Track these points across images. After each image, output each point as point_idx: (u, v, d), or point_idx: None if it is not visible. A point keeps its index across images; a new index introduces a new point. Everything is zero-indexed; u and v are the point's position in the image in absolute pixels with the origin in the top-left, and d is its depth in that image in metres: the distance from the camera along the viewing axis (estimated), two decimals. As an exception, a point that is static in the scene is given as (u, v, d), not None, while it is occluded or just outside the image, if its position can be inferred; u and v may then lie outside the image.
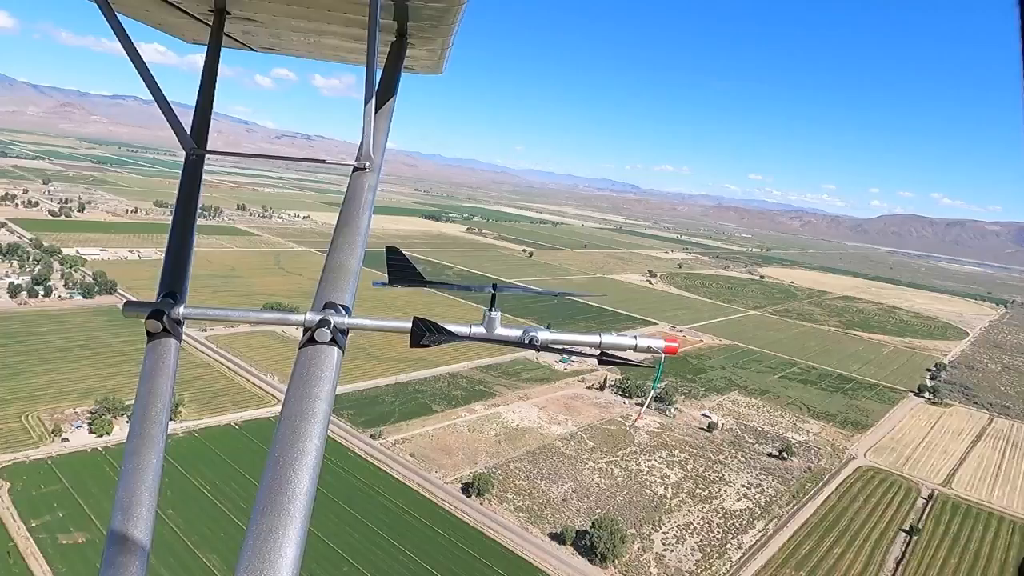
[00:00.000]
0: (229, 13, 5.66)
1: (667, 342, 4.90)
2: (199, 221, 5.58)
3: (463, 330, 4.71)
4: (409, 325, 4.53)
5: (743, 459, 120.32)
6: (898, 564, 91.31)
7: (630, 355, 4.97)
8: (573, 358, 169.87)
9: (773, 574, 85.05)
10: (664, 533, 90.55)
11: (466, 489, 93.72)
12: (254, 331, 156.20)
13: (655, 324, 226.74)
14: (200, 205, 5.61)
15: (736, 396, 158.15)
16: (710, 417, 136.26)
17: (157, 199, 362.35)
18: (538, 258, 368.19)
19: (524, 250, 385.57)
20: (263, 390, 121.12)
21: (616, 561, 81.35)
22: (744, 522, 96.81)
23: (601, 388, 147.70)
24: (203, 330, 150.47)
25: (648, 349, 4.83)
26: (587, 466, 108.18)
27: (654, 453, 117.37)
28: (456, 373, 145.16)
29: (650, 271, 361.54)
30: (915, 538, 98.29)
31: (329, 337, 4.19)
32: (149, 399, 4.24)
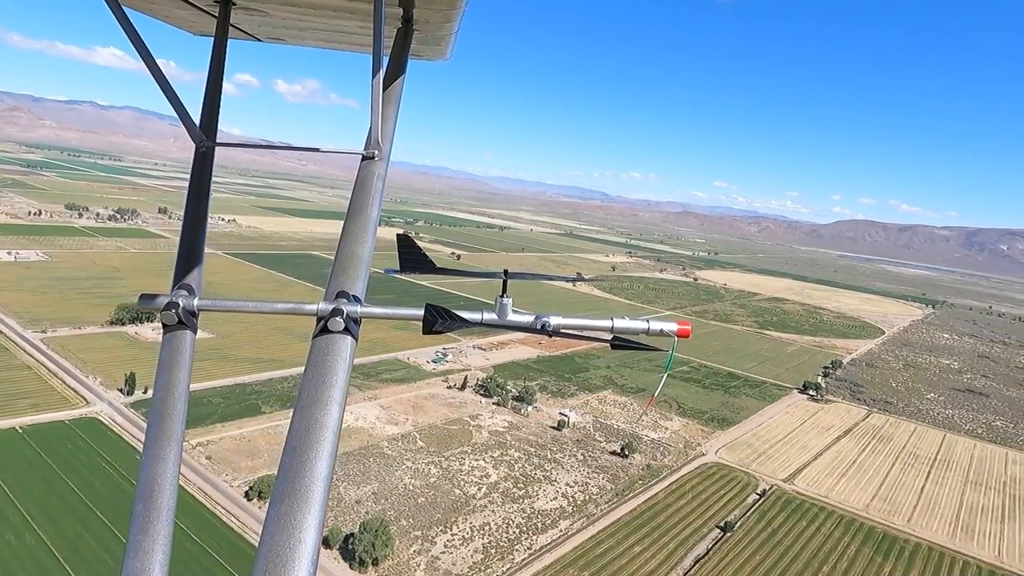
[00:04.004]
0: (234, 4, 5.61)
1: (679, 325, 4.79)
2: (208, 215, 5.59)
3: (475, 316, 4.68)
4: (421, 312, 4.51)
5: (581, 457, 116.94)
6: (697, 561, 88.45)
7: (643, 339, 4.84)
8: (449, 357, 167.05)
9: (555, 574, 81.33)
10: (453, 535, 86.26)
11: (249, 493, 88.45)
12: (103, 332, 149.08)
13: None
14: (211, 197, 5.60)
15: (607, 395, 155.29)
16: (566, 416, 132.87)
17: (71, 202, 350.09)
18: (466, 260, 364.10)
19: (453, 252, 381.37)
20: (76, 392, 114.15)
21: (378, 565, 76.86)
22: (548, 522, 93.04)
23: (461, 388, 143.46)
24: (42, 331, 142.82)
25: (661, 332, 4.75)
26: (403, 467, 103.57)
27: (486, 452, 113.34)
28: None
29: (578, 273, 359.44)
30: (727, 535, 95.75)
31: (342, 326, 4.20)
32: (167, 390, 4.34)
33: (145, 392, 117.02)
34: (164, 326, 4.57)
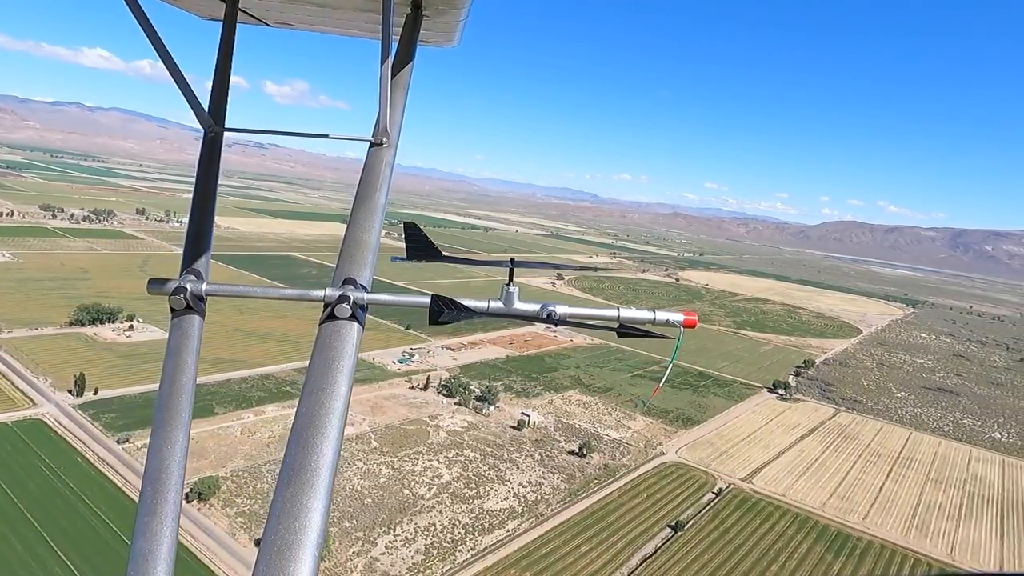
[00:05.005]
0: None
1: (685, 315, 4.84)
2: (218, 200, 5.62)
3: (481, 305, 4.68)
4: (427, 301, 4.52)
5: (538, 457, 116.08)
6: (644, 560, 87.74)
7: (648, 328, 4.85)
8: (415, 357, 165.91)
9: (496, 575, 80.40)
10: (395, 536, 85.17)
11: (188, 495, 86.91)
12: (60, 333, 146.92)
13: (532, 325, 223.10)
14: (219, 182, 5.63)
15: (573, 394, 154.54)
16: (527, 415, 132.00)
17: (45, 203, 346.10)
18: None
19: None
20: (24, 394, 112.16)
21: (313, 567, 75.55)
22: (496, 522, 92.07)
23: (424, 388, 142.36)
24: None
25: (667, 323, 4.79)
26: (353, 468, 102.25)
27: (441, 453, 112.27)
28: (269, 375, 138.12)
29: (559, 274, 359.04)
30: (678, 534, 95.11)
31: (349, 313, 4.26)
32: (175, 374, 4.37)
33: (96, 393, 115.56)
34: (172, 311, 4.52)
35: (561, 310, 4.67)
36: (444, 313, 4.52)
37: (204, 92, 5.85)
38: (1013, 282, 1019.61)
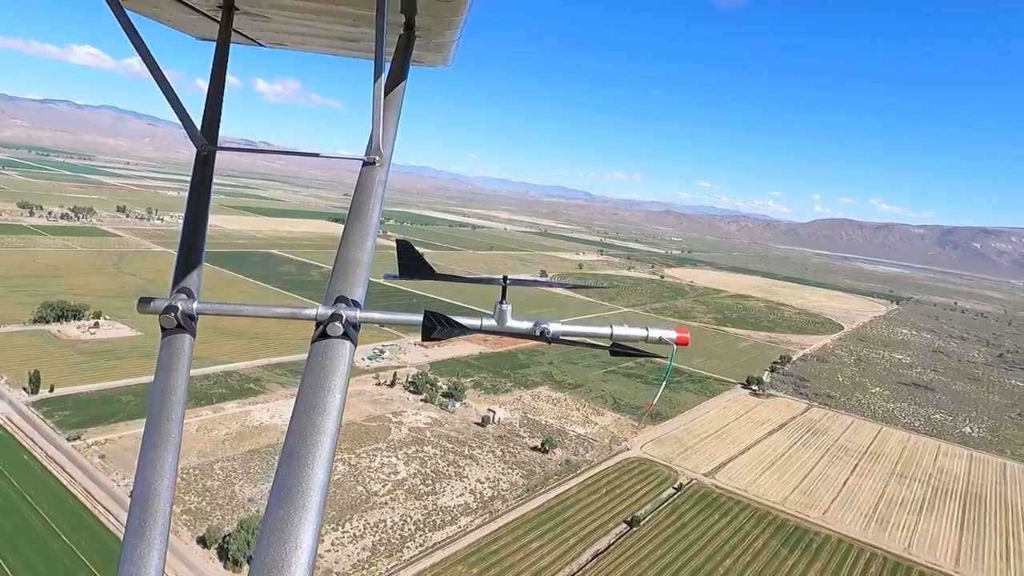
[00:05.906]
0: (237, 9, 5.71)
1: (678, 332, 4.83)
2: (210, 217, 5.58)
3: (474, 323, 4.72)
4: (420, 319, 4.56)
5: (500, 453, 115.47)
6: (595, 556, 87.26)
7: (642, 346, 4.86)
8: (386, 354, 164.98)
9: (442, 571, 79.79)
10: (343, 533, 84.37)
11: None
12: (23, 330, 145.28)
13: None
14: (212, 201, 5.63)
15: (543, 390, 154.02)
16: (492, 412, 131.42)
17: (24, 200, 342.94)
18: (429, 259, 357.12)
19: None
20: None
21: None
22: (448, 519, 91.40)
23: (391, 385, 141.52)
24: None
25: (660, 340, 4.83)
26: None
27: (400, 449, 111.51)
28: (233, 371, 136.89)
29: (542, 272, 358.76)
30: (633, 530, 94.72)
31: (341, 331, 4.23)
32: (164, 393, 4.33)
33: (51, 391, 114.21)
34: (163, 329, 4.43)
35: (554, 328, 4.59)
36: (437, 330, 4.46)
37: (193, 91, 5.28)
38: (1000, 279, 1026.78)
